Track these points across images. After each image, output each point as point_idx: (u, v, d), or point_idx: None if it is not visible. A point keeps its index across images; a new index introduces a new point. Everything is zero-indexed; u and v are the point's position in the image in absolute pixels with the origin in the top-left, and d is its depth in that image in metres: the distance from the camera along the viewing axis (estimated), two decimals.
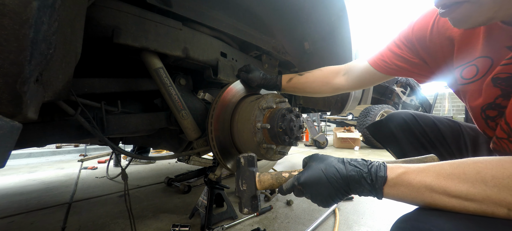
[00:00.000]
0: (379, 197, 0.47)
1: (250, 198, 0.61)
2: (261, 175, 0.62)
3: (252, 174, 0.62)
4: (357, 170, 0.48)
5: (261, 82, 1.05)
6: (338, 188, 0.49)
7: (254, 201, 0.62)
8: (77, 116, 0.74)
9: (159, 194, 1.89)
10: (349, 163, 0.50)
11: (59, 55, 0.47)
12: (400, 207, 1.58)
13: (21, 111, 0.37)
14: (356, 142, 4.52)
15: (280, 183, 0.59)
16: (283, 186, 0.58)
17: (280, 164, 3.06)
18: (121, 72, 1.12)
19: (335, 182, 0.49)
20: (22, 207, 1.67)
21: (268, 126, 0.91)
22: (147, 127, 1.03)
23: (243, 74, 1.07)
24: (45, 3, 0.36)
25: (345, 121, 5.91)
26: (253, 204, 0.62)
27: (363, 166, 0.48)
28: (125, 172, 0.99)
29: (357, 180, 0.47)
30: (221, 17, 1.14)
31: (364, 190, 0.48)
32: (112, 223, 1.37)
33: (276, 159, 1.04)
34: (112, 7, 0.80)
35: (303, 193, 0.54)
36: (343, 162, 0.51)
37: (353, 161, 0.51)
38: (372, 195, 0.48)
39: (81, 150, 4.63)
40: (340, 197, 0.50)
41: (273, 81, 1.06)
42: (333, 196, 0.50)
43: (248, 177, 0.62)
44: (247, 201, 0.61)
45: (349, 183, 0.48)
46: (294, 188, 0.55)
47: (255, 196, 0.61)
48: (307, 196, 0.54)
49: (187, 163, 1.15)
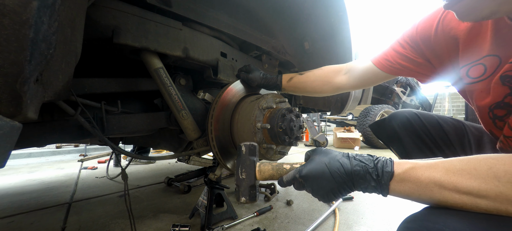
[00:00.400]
0: (384, 194, 0.45)
1: (249, 188, 0.60)
2: (261, 165, 0.61)
3: (252, 163, 0.61)
4: (363, 165, 0.46)
5: (261, 82, 1.05)
6: (341, 183, 0.47)
7: (252, 190, 0.60)
8: (77, 115, 0.74)
9: (159, 194, 1.89)
10: (354, 157, 0.49)
11: (59, 55, 0.47)
12: (401, 207, 1.58)
13: (21, 111, 0.37)
14: (356, 142, 4.52)
15: (281, 175, 0.58)
16: (284, 178, 0.56)
17: None
18: (121, 72, 1.12)
19: (338, 176, 0.47)
20: (22, 207, 1.67)
21: (268, 126, 0.91)
22: (147, 127, 1.03)
23: (243, 74, 1.07)
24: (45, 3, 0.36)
25: (345, 121, 5.91)
26: (251, 193, 0.60)
27: (368, 161, 0.47)
28: (125, 172, 0.99)
29: (362, 175, 0.46)
30: (221, 17, 1.14)
31: (369, 186, 0.46)
32: (112, 223, 1.37)
33: (276, 159, 1.04)
34: (112, 7, 0.80)
35: (304, 187, 0.53)
36: (348, 157, 0.49)
37: (358, 155, 0.49)
38: (377, 191, 0.46)
39: (81, 150, 4.63)
40: (343, 193, 0.49)
41: (274, 81, 1.05)
42: (336, 191, 0.48)
43: (248, 166, 0.61)
44: (245, 190, 0.60)
45: (353, 178, 0.47)
46: (294, 181, 0.54)
47: (253, 186, 0.60)
48: (308, 190, 0.52)
49: (187, 163, 1.15)
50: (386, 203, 1.61)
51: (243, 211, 1.49)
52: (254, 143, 0.65)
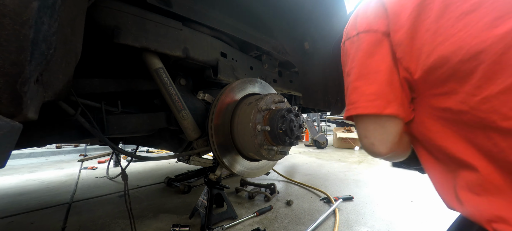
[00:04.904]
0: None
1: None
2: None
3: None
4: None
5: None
6: None
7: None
8: (77, 116, 0.74)
9: (159, 194, 1.89)
10: None
11: (59, 56, 0.47)
12: (401, 207, 1.58)
13: (21, 112, 0.37)
14: (356, 142, 4.52)
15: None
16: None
17: (279, 163, 3.06)
18: (121, 72, 1.12)
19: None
20: (22, 207, 1.67)
21: (268, 128, 0.91)
22: (147, 127, 1.03)
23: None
24: (46, 4, 0.36)
25: (345, 121, 5.91)
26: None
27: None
28: (125, 172, 0.99)
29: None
30: (221, 17, 1.14)
31: None
32: (112, 223, 1.37)
33: (277, 159, 1.04)
34: (112, 7, 0.80)
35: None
36: None
37: None
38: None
39: (81, 150, 4.63)
40: None
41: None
42: None
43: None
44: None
45: None
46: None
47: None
48: None
49: (187, 163, 1.15)
50: (386, 203, 1.62)
51: (243, 211, 1.49)
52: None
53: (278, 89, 1.61)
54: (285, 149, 1.04)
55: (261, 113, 0.95)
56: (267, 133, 0.94)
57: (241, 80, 1.13)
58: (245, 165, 1.13)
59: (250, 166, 1.15)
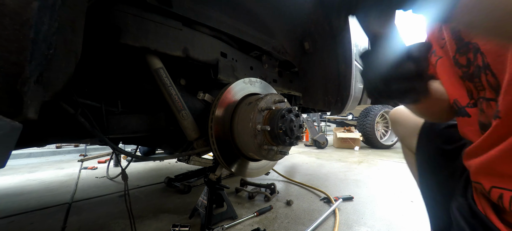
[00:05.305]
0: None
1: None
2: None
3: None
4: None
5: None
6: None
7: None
8: (77, 116, 0.74)
9: (159, 194, 1.89)
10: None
11: (60, 56, 0.48)
12: (401, 207, 1.58)
13: (22, 112, 0.37)
14: (356, 142, 4.52)
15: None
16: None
17: (279, 163, 3.06)
18: (121, 72, 1.12)
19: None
20: (22, 207, 1.67)
21: (268, 128, 0.91)
22: (147, 127, 1.03)
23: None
24: (46, 4, 0.36)
25: (345, 121, 5.90)
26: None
27: None
28: (125, 172, 0.99)
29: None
30: (221, 17, 1.14)
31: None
32: (112, 223, 1.37)
33: (278, 159, 1.04)
34: (112, 7, 0.80)
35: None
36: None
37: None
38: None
39: (81, 150, 4.63)
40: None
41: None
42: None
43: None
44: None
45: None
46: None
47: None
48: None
49: (187, 163, 1.15)
50: (386, 203, 1.62)
51: (243, 211, 1.49)
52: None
53: (278, 89, 1.61)
54: (285, 149, 1.04)
55: (261, 113, 0.96)
56: (267, 133, 0.94)
57: (241, 80, 1.13)
58: (245, 165, 1.13)
59: (250, 166, 1.16)
